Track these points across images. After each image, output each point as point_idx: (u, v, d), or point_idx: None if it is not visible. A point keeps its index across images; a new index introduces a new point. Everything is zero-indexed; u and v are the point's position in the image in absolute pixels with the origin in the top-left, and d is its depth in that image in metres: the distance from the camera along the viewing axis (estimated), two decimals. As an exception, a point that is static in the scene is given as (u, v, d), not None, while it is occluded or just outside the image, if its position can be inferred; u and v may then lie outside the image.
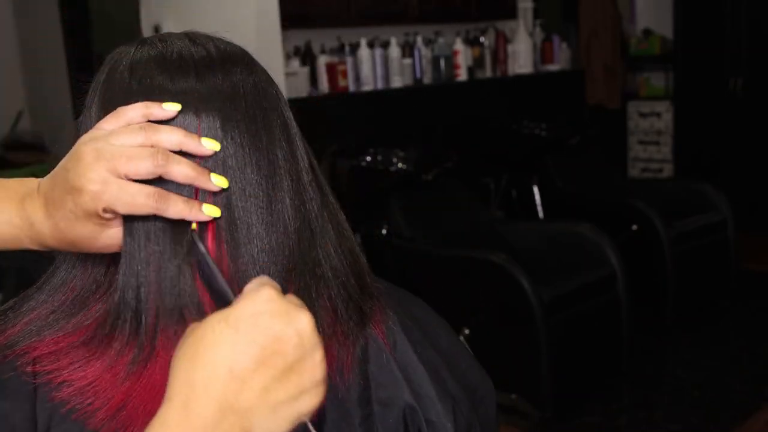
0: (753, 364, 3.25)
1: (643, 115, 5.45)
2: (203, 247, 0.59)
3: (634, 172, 5.51)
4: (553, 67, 4.68)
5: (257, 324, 0.50)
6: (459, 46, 4.17)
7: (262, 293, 0.52)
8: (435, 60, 4.10)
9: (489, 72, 4.40)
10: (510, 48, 4.48)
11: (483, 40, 4.38)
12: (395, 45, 3.92)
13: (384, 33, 4.01)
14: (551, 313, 2.72)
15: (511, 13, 4.60)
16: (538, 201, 3.99)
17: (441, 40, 4.14)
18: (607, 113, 5.28)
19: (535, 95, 4.48)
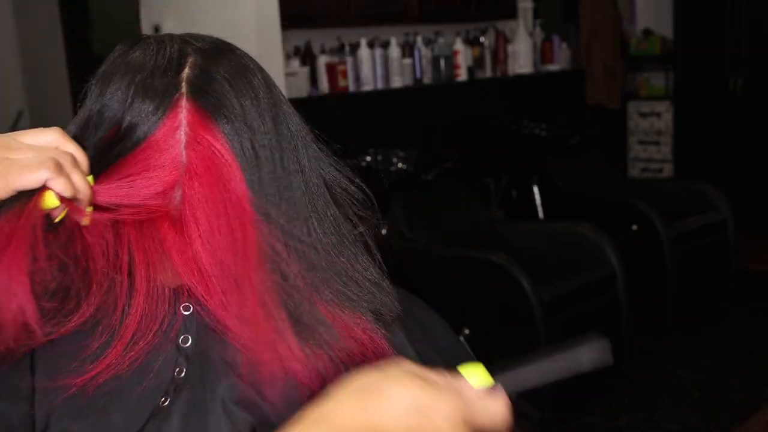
0: (753, 364, 3.25)
1: (643, 115, 5.44)
2: None
3: (634, 172, 5.51)
4: (553, 67, 4.68)
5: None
6: (459, 46, 4.17)
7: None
8: (435, 60, 4.10)
9: (489, 72, 4.40)
10: (510, 48, 4.48)
11: (483, 40, 4.38)
12: (395, 45, 3.92)
13: (384, 33, 4.01)
14: (551, 313, 2.72)
15: (511, 13, 4.60)
16: (538, 201, 3.99)
17: (441, 40, 4.14)
18: (607, 113, 5.28)
19: (535, 95, 4.48)
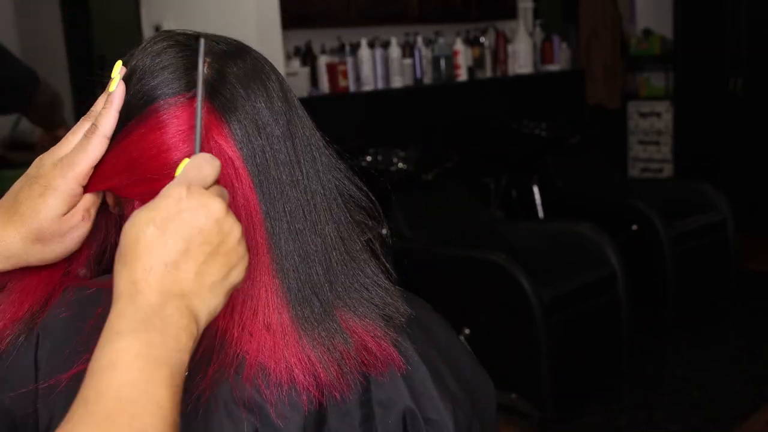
0: (753, 364, 3.25)
1: (643, 115, 5.44)
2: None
3: (634, 172, 5.51)
4: (553, 67, 4.68)
5: (182, 222, 0.57)
6: (459, 46, 4.17)
7: (174, 192, 0.58)
8: (435, 60, 4.10)
9: (489, 72, 4.40)
10: (510, 48, 4.48)
11: (483, 40, 4.38)
12: (395, 45, 3.92)
13: (384, 33, 4.01)
14: (551, 313, 2.72)
15: (511, 13, 4.60)
16: (538, 201, 3.99)
17: (441, 40, 4.14)
18: (607, 113, 5.28)
19: (535, 95, 4.48)
